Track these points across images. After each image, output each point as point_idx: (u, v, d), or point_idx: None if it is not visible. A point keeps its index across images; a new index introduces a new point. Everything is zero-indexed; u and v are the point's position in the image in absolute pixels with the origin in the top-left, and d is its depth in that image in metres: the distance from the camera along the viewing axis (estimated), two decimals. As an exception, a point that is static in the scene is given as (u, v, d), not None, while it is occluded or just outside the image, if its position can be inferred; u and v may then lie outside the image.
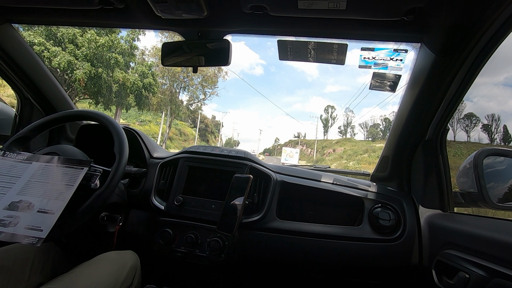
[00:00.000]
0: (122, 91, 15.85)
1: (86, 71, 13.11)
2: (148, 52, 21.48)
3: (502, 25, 0.66)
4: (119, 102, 16.32)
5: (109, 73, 14.38)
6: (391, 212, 1.00)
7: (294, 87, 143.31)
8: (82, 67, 12.99)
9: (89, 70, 13.22)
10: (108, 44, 13.69)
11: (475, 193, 0.82)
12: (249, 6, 0.72)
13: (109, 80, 14.49)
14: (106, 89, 14.58)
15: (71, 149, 0.88)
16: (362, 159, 30.85)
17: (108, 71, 14.31)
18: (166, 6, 0.73)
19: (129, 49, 16.02)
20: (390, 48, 0.83)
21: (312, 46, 0.85)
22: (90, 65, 13.37)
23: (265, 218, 1.03)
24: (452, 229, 0.83)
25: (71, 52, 12.90)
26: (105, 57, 13.97)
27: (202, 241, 1.03)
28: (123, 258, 0.84)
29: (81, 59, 13.16)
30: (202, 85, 23.97)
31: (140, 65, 17.61)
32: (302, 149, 60.69)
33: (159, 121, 26.40)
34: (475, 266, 0.68)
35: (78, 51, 13.14)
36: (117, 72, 14.80)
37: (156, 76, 18.29)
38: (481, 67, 0.76)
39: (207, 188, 1.10)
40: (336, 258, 0.99)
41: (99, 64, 13.82)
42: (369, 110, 68.33)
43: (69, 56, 12.58)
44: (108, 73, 14.33)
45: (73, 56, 12.83)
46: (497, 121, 28.33)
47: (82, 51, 13.14)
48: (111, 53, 14.16)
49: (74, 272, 0.73)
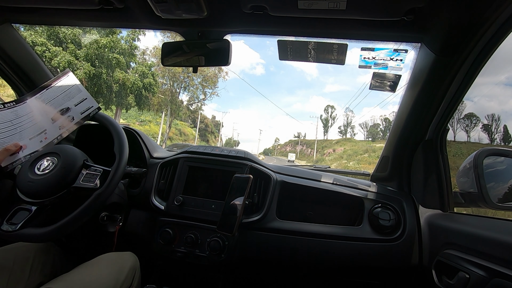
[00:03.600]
0: (122, 91, 15.80)
1: (86, 71, 13.06)
2: (150, 52, 21.40)
3: (502, 25, 0.66)
4: (119, 102, 16.26)
5: (109, 73, 14.36)
6: (391, 212, 0.99)
7: (294, 87, 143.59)
8: (82, 67, 12.96)
9: (89, 70, 13.17)
10: (110, 45, 13.71)
11: (475, 193, 0.82)
12: (249, 6, 0.72)
13: (109, 80, 14.47)
14: (106, 89, 14.56)
15: (71, 149, 0.88)
16: (362, 159, 30.84)
17: (109, 71, 14.29)
18: (166, 6, 0.73)
19: (129, 49, 15.98)
20: (390, 48, 0.83)
21: (312, 46, 0.85)
22: (90, 65, 13.34)
23: (265, 218, 1.03)
24: (452, 229, 0.83)
25: (72, 52, 12.89)
26: (106, 57, 13.95)
27: (202, 241, 1.03)
28: (122, 259, 0.84)
29: (82, 59, 13.13)
30: (203, 85, 23.87)
31: (140, 65, 17.53)
32: (302, 149, 60.72)
33: (159, 121, 26.15)
34: (475, 266, 0.68)
35: (79, 51, 13.13)
36: (117, 72, 14.77)
37: (156, 76, 18.21)
38: (481, 67, 0.76)
39: (207, 188, 1.10)
40: (336, 258, 0.99)
41: (100, 65, 13.80)
42: (369, 110, 68.46)
43: (69, 56, 12.58)
44: (109, 73, 14.30)
45: (73, 56, 12.82)
46: (497, 121, 28.33)
47: (83, 51, 13.13)
48: (112, 54, 14.15)
49: (74, 273, 0.74)
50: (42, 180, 0.79)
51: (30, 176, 0.80)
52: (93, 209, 0.77)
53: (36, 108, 0.85)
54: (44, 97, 0.87)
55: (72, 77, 0.92)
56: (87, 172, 0.83)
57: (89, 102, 0.91)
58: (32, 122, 0.83)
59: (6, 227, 0.74)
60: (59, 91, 0.88)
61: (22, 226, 0.74)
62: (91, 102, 0.91)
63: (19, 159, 0.80)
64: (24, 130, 0.82)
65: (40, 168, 0.81)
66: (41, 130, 0.84)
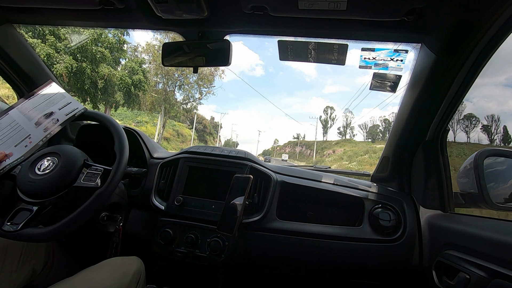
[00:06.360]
0: (109, 88, 14.53)
1: (68, 65, 11.98)
2: (141, 48, 20.33)
3: (502, 26, 0.66)
4: (105, 99, 14.97)
5: (94, 68, 13.19)
6: (391, 213, 0.99)
7: (293, 88, 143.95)
8: (63, 61, 11.90)
9: (70, 64, 12.08)
10: (93, 37, 12.63)
11: (476, 194, 0.82)
12: (250, 6, 0.72)
13: (94, 76, 13.29)
14: (90, 85, 13.39)
15: (72, 149, 0.88)
16: (363, 160, 30.75)
17: (93, 66, 13.15)
18: (166, 6, 0.73)
19: (117, 44, 14.73)
20: (391, 48, 0.83)
21: (313, 47, 0.85)
22: (72, 58, 12.24)
23: (265, 219, 1.03)
24: (453, 230, 0.83)
25: (52, 44, 11.71)
26: (90, 50, 12.77)
27: (202, 241, 1.03)
28: (127, 263, 0.84)
29: (63, 52, 12.02)
30: (198, 84, 23.08)
31: (130, 61, 16.34)
32: (301, 150, 60.72)
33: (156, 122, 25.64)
34: (476, 267, 0.68)
35: (60, 43, 11.97)
36: (102, 67, 13.55)
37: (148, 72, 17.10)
38: (481, 67, 0.76)
39: (207, 188, 1.10)
40: (336, 259, 0.99)
41: (83, 58, 12.65)
42: (369, 111, 68.35)
43: (49, 48, 11.53)
44: (93, 68, 13.16)
45: (53, 49, 11.71)
46: (497, 122, 28.36)
47: (64, 43, 12.01)
48: (96, 47, 13.02)
49: (78, 277, 0.74)
50: (43, 180, 0.79)
51: (30, 176, 0.80)
52: (94, 208, 0.77)
53: (18, 117, 0.87)
54: (26, 106, 0.89)
55: (55, 86, 0.95)
56: (88, 171, 0.83)
57: (74, 105, 0.93)
58: (15, 130, 0.85)
59: (8, 227, 0.74)
60: (42, 99, 0.91)
61: (23, 226, 0.74)
62: (76, 105, 0.93)
63: (7, 165, 0.81)
64: (9, 139, 0.84)
65: (40, 168, 0.81)
66: (25, 135, 0.85)
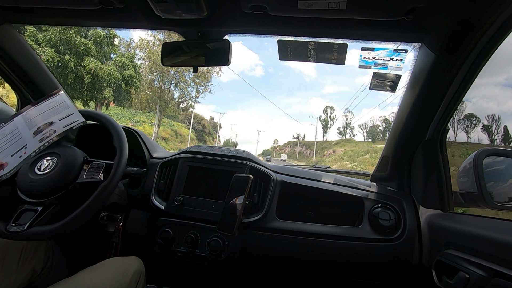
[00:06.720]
0: (96, 83, 13.42)
1: (49, 58, 10.98)
2: (135, 44, 19.78)
3: (502, 25, 0.66)
4: (93, 96, 13.87)
5: (79, 62, 12.20)
6: (391, 212, 0.99)
7: (293, 88, 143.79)
8: (44, 53, 10.92)
9: (52, 57, 11.04)
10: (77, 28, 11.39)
11: (475, 193, 0.82)
12: (249, 6, 0.72)
13: (79, 70, 12.23)
14: (75, 80, 12.36)
15: (71, 149, 0.88)
16: (363, 160, 30.61)
17: (78, 59, 12.16)
18: (166, 6, 0.73)
19: (106, 37, 13.72)
20: (390, 48, 0.83)
21: (312, 46, 0.85)
22: (54, 51, 11.24)
23: (265, 218, 1.03)
24: (452, 229, 0.83)
25: (31, 35, 10.74)
26: (73, 42, 11.73)
27: (202, 241, 1.03)
28: (127, 263, 0.84)
29: (44, 44, 11.01)
30: (195, 82, 22.59)
31: (120, 55, 15.30)
32: (301, 150, 60.70)
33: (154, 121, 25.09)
34: (475, 266, 0.68)
35: (40, 34, 10.97)
36: (88, 61, 12.61)
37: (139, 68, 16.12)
38: (481, 67, 0.76)
39: (207, 188, 1.10)
40: (336, 258, 0.99)
41: (65, 51, 11.60)
42: (369, 111, 68.41)
43: (27, 39, 10.39)
44: (78, 61, 12.16)
45: (32, 40, 10.78)
46: (497, 122, 28.36)
47: (45, 34, 10.98)
48: (80, 38, 11.98)
49: (77, 277, 0.74)
50: (44, 179, 0.79)
51: (31, 176, 0.80)
52: (100, 202, 0.78)
53: (21, 125, 0.87)
54: (31, 113, 0.89)
55: (63, 95, 0.94)
56: (89, 167, 0.84)
57: (75, 116, 0.93)
58: (16, 138, 0.85)
59: (14, 228, 0.74)
60: (47, 107, 0.91)
61: (29, 226, 0.74)
62: (76, 116, 0.93)
63: (2, 176, 0.80)
64: (8, 148, 0.84)
65: (40, 168, 0.81)
66: (22, 145, 0.85)
